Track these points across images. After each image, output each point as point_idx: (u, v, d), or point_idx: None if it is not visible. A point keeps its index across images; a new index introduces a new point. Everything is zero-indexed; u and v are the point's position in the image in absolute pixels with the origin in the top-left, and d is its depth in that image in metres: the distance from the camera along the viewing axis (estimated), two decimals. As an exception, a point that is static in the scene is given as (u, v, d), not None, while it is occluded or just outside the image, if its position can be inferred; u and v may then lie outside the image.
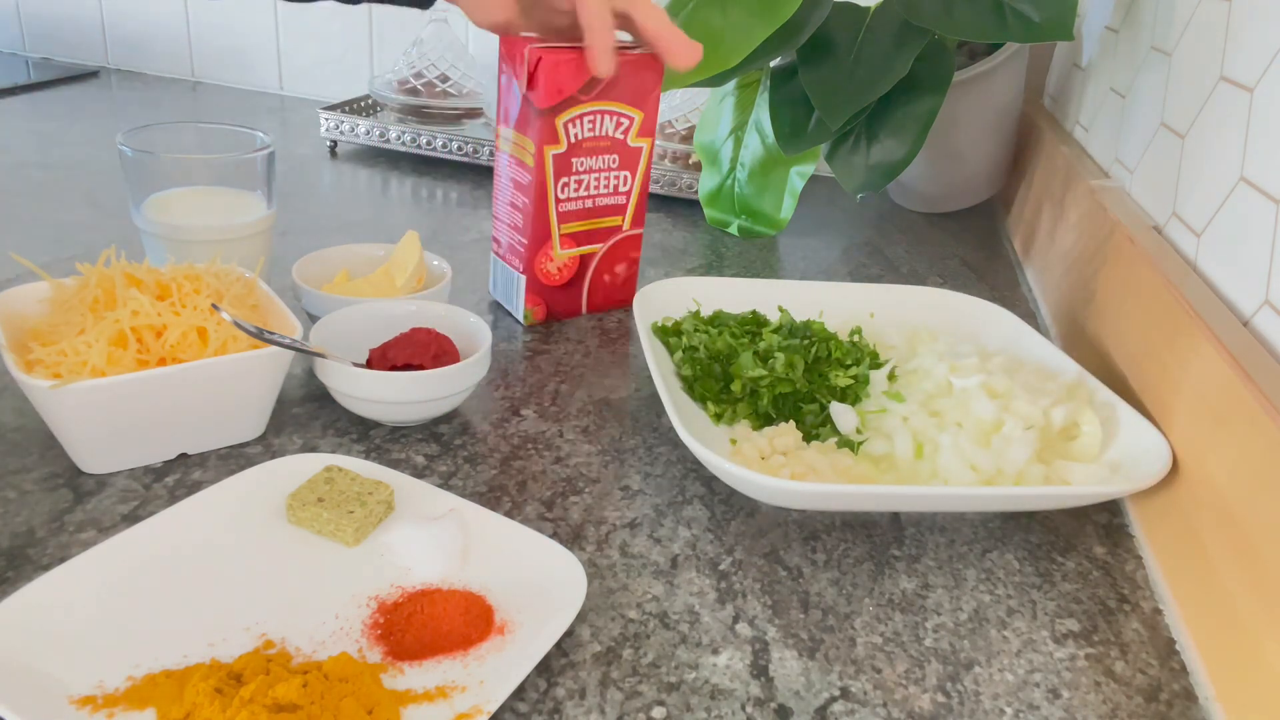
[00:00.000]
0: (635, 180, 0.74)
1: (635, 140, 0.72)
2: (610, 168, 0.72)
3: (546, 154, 0.69)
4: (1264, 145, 0.55)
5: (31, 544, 0.47)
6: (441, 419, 0.61)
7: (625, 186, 0.73)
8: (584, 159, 0.71)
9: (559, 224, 0.72)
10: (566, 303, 0.76)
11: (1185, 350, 0.54)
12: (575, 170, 0.71)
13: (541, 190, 0.70)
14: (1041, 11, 0.79)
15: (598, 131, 0.70)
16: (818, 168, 0.98)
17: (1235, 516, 0.46)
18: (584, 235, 0.74)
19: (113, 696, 0.38)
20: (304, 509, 0.48)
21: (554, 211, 0.72)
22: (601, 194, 0.73)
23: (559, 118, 0.68)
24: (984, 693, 0.44)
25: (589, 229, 0.74)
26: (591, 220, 0.74)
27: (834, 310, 0.73)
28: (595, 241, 0.75)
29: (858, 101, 0.83)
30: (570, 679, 0.42)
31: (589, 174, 0.72)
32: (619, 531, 0.52)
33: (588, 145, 0.71)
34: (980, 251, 1.01)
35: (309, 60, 1.41)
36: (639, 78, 0.70)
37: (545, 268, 0.74)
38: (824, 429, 0.61)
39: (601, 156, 0.71)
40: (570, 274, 0.75)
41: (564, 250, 0.74)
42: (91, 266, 0.55)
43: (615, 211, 0.74)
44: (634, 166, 0.73)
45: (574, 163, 0.71)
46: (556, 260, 0.74)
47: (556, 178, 0.70)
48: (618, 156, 0.72)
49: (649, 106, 0.71)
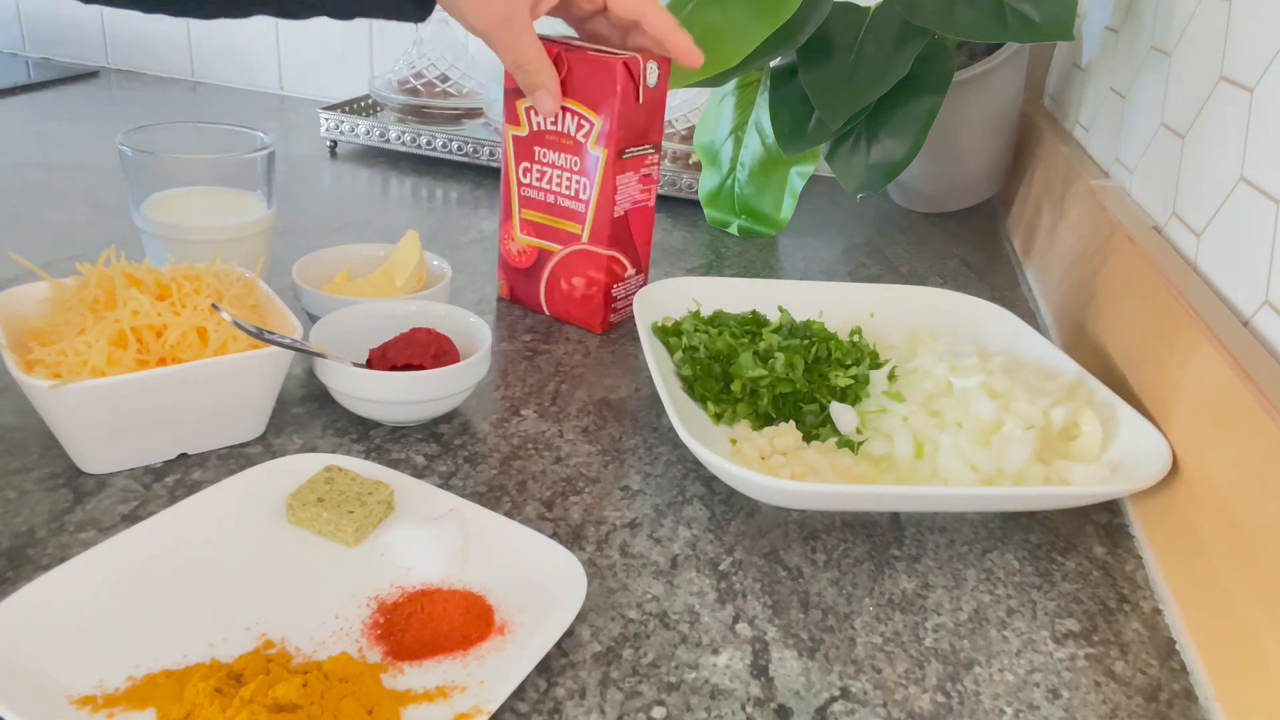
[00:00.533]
0: (593, 190, 0.70)
1: (594, 147, 0.69)
2: (570, 168, 0.71)
3: (508, 132, 0.73)
4: (1264, 145, 0.55)
5: (31, 544, 0.47)
6: (441, 419, 0.61)
7: (585, 194, 0.71)
8: (546, 150, 0.72)
9: (520, 207, 0.75)
10: (527, 291, 0.78)
11: (1185, 350, 0.54)
12: (538, 159, 0.73)
13: (506, 167, 0.75)
14: (1041, 11, 0.79)
15: (560, 127, 0.70)
16: (818, 168, 0.98)
17: (1235, 516, 0.46)
18: (544, 229, 0.75)
19: (113, 696, 0.38)
20: (304, 509, 0.48)
21: (515, 192, 0.75)
22: (562, 194, 0.72)
23: (520, 101, 0.71)
24: (984, 693, 0.44)
25: (549, 224, 0.74)
26: (551, 216, 0.74)
27: (834, 310, 0.73)
28: (555, 241, 0.74)
29: (858, 101, 0.83)
30: (570, 679, 0.42)
31: (551, 168, 0.72)
32: (619, 531, 0.52)
33: (550, 138, 0.71)
34: (980, 251, 1.01)
35: (309, 60, 1.41)
36: (597, 81, 0.67)
37: (509, 246, 0.77)
38: (824, 429, 0.61)
39: (564, 155, 0.71)
40: (529, 261, 0.76)
41: (524, 235, 0.76)
42: (91, 266, 0.55)
43: (574, 217, 0.72)
44: (591, 175, 0.70)
45: (536, 150, 0.72)
46: (518, 242, 0.76)
47: (518, 160, 0.74)
48: (578, 159, 0.71)
49: (608, 115, 0.68)
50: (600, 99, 0.68)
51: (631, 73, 0.67)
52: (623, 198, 0.71)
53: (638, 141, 0.71)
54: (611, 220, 0.71)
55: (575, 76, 0.68)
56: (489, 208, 1.02)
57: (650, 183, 0.74)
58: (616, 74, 0.67)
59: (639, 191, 0.73)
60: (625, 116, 0.68)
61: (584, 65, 0.68)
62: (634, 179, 0.72)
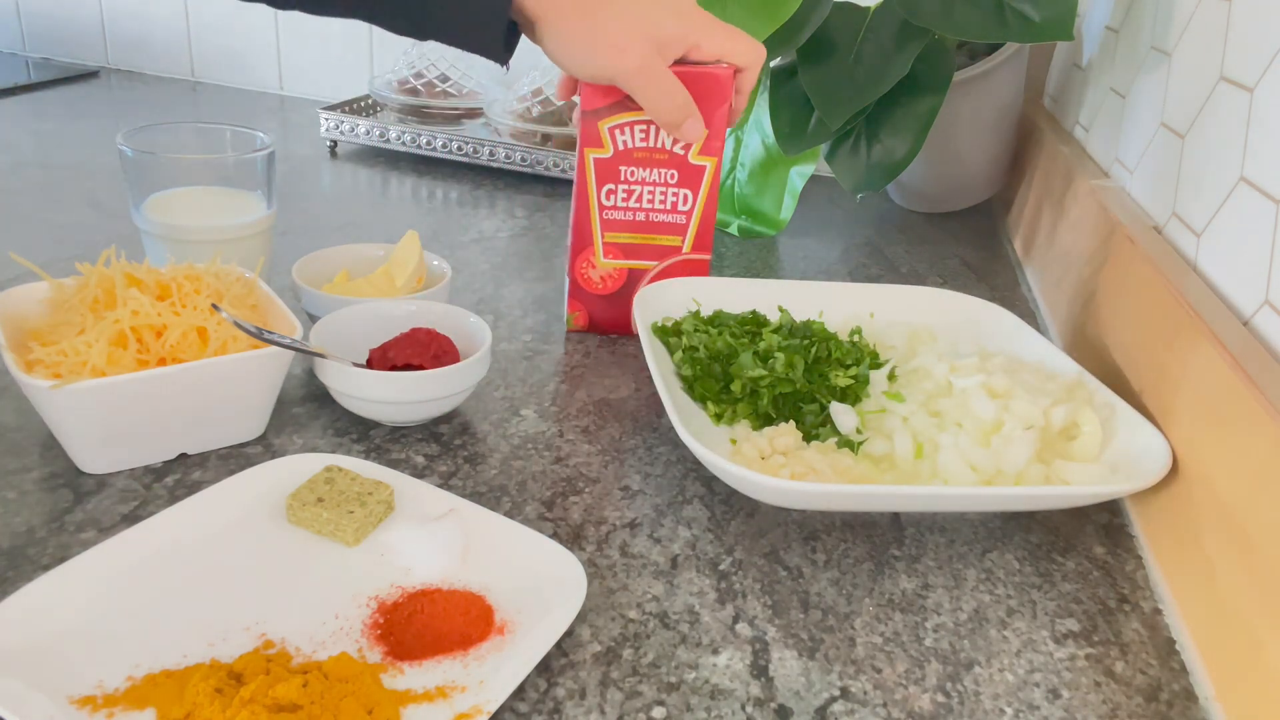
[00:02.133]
0: (697, 200, 0.70)
1: (697, 158, 0.69)
2: (668, 183, 0.70)
3: (588, 156, 0.69)
4: (1264, 145, 0.55)
5: (31, 544, 0.47)
6: (441, 419, 0.61)
7: (685, 205, 0.70)
8: (635, 169, 0.69)
9: (603, 231, 0.71)
10: (612, 315, 0.75)
11: (1185, 350, 0.54)
12: (624, 179, 0.70)
13: (583, 192, 0.70)
14: (1041, 11, 0.79)
15: (651, 142, 0.69)
16: (818, 168, 0.98)
17: (1235, 516, 0.46)
18: (634, 249, 0.72)
19: (113, 696, 0.38)
20: (304, 509, 0.48)
21: (597, 217, 0.71)
22: (656, 209, 0.71)
23: (602, 122, 0.68)
24: (984, 693, 0.44)
25: (640, 243, 0.72)
26: (643, 234, 0.72)
27: (834, 310, 0.73)
28: (647, 258, 0.72)
29: (858, 101, 0.83)
30: (570, 679, 0.42)
31: (641, 185, 0.70)
32: (619, 531, 0.52)
33: (639, 155, 0.69)
34: (980, 251, 1.01)
35: (309, 60, 1.41)
36: (702, 93, 0.66)
37: (587, 274, 0.73)
38: (824, 429, 0.61)
39: (657, 170, 0.69)
40: (616, 285, 0.73)
41: (608, 259, 0.72)
42: (91, 266, 0.55)
43: (673, 230, 0.71)
44: (695, 185, 0.70)
45: (622, 170, 0.69)
46: (600, 268, 0.73)
47: (600, 183, 0.70)
48: (676, 172, 0.69)
49: (714, 124, 0.67)
50: (706, 111, 0.67)
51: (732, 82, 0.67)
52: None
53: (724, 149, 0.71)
54: (712, 221, 0.72)
55: None
56: (489, 207, 1.02)
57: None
58: (726, 86, 0.66)
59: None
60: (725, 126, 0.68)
61: (685, 78, 0.65)
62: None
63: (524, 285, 0.83)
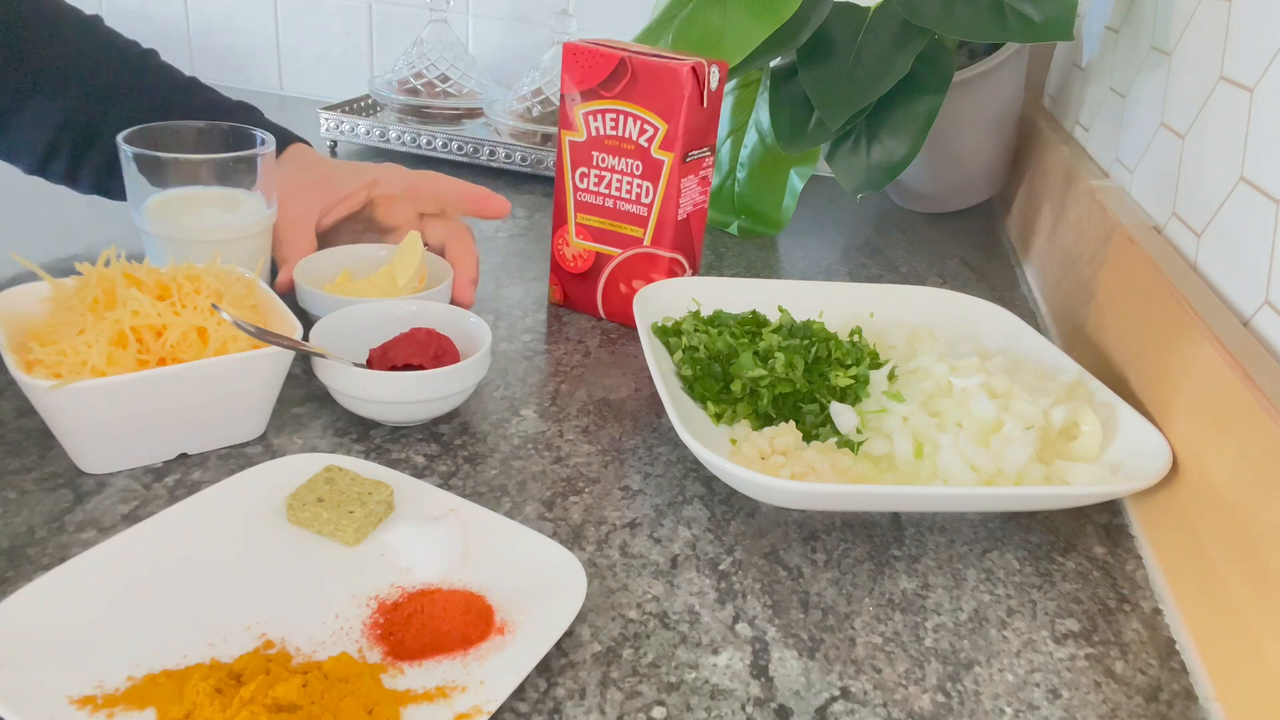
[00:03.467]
0: (657, 194, 0.71)
1: (658, 152, 0.70)
2: (632, 173, 0.71)
3: (564, 138, 0.73)
4: (1264, 145, 0.55)
5: (31, 544, 0.47)
6: (441, 419, 0.61)
7: (647, 198, 0.72)
8: (606, 155, 0.72)
9: (576, 211, 0.75)
10: (582, 294, 0.77)
11: (1185, 350, 0.54)
12: (596, 164, 0.73)
13: (561, 173, 0.74)
14: (1041, 11, 0.79)
15: (621, 131, 0.70)
16: (818, 168, 0.98)
17: (1235, 516, 0.46)
18: (603, 234, 0.74)
19: (113, 696, 0.38)
20: (304, 509, 0.48)
21: (571, 198, 0.75)
22: (623, 198, 0.72)
23: (578, 107, 0.71)
24: (984, 693, 0.44)
25: (608, 229, 0.74)
26: (610, 221, 0.74)
27: (834, 310, 0.73)
28: (614, 245, 0.74)
29: (858, 101, 0.83)
30: (570, 679, 0.42)
31: (610, 172, 0.72)
32: (619, 531, 0.52)
33: (610, 143, 0.71)
34: (980, 251, 1.01)
35: (309, 60, 1.41)
36: (663, 87, 0.67)
37: (563, 250, 0.77)
38: (824, 429, 0.61)
39: (626, 159, 0.71)
40: (585, 266, 0.76)
41: (579, 240, 0.76)
42: (91, 266, 0.55)
43: (635, 221, 0.73)
44: (655, 179, 0.71)
45: (594, 155, 0.72)
46: (573, 247, 0.76)
47: (574, 166, 0.73)
48: (640, 164, 0.71)
49: (675, 120, 0.68)
50: (666, 104, 0.68)
51: (698, 77, 0.67)
52: (685, 201, 0.72)
53: (698, 145, 0.71)
54: (675, 223, 0.72)
55: (640, 82, 0.68)
56: (489, 208, 1.02)
57: (707, 184, 0.74)
58: (684, 79, 0.67)
59: (699, 194, 0.73)
60: (690, 121, 0.68)
61: (649, 71, 0.67)
62: (694, 182, 0.72)
63: (524, 285, 0.83)
